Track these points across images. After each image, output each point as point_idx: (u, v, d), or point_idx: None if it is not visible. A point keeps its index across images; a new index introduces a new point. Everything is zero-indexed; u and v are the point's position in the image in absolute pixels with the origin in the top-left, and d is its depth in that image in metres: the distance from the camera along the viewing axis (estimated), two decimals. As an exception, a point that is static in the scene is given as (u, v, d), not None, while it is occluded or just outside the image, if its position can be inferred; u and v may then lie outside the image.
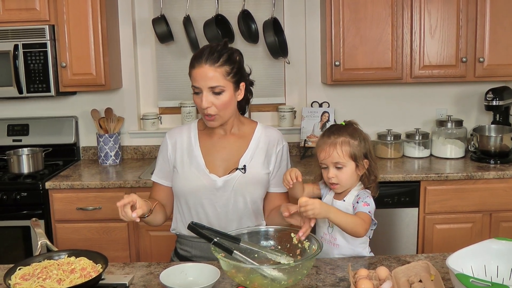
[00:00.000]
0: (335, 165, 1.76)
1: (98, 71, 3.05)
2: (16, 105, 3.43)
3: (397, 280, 1.48)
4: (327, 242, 1.79)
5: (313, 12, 3.36)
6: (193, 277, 1.54)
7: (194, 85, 1.72)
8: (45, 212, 2.84)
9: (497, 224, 2.88)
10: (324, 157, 1.77)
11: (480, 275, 1.38)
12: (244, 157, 1.82)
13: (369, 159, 1.79)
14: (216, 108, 1.72)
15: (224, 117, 1.76)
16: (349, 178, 1.77)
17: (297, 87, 3.49)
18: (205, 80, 1.69)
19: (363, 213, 1.71)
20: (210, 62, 1.69)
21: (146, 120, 3.42)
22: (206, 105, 1.70)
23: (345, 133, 1.77)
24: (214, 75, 1.69)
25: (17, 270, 1.48)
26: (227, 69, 1.71)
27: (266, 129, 1.90)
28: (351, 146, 1.75)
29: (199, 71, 1.70)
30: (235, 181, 1.79)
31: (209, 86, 1.69)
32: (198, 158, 1.81)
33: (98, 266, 1.51)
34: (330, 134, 1.78)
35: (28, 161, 3.02)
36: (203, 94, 1.70)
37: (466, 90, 3.44)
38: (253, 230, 1.66)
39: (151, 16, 3.35)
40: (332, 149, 1.75)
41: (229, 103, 1.74)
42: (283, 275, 1.42)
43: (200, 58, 1.71)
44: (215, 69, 1.69)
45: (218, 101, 1.71)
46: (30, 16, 2.98)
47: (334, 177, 1.76)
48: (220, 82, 1.70)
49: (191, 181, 1.80)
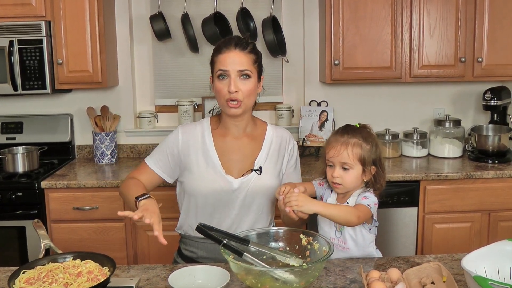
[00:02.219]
0: (342, 165, 1.73)
1: (95, 68, 3.01)
2: (10, 102, 3.37)
3: (409, 281, 1.47)
4: (336, 246, 1.76)
5: (311, 11, 3.35)
6: (202, 279, 1.51)
7: (222, 68, 1.72)
8: (41, 212, 2.79)
9: (496, 223, 2.89)
10: (333, 155, 1.74)
11: (493, 276, 1.37)
12: (259, 158, 1.82)
13: (377, 167, 1.76)
14: (242, 93, 1.72)
15: (247, 106, 1.76)
16: (353, 180, 1.74)
17: (295, 85, 3.47)
18: (235, 64, 1.72)
19: (359, 204, 1.69)
20: (240, 47, 1.74)
21: (143, 118, 3.38)
22: (234, 89, 1.70)
23: (359, 135, 1.74)
24: (243, 59, 1.73)
25: (21, 274, 1.44)
26: (254, 57, 1.76)
27: (276, 129, 1.91)
28: (363, 150, 1.72)
29: (229, 55, 1.73)
30: (250, 182, 1.78)
31: (238, 69, 1.72)
32: (214, 159, 1.79)
33: (105, 269, 1.48)
34: (344, 133, 1.75)
35: (23, 160, 2.96)
36: (231, 78, 1.71)
37: (463, 89, 3.45)
38: (262, 232, 1.64)
39: (148, 13, 3.31)
40: (343, 148, 1.72)
41: (253, 91, 1.76)
42: (295, 278, 1.40)
43: (229, 44, 1.75)
44: (245, 54, 1.74)
45: (244, 86, 1.73)
46: (25, 11, 2.92)
47: (339, 177, 1.73)
48: (249, 67, 1.74)
49: (208, 182, 1.77)
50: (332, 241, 1.76)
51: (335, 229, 1.78)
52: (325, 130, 3.27)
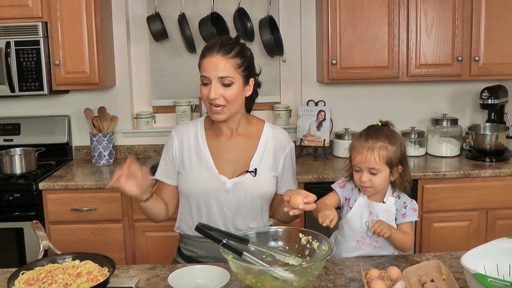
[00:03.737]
0: (370, 170, 1.72)
1: (92, 69, 3.00)
2: (7, 104, 3.36)
3: (408, 279, 1.48)
4: (367, 245, 1.76)
5: (308, 11, 3.35)
6: (202, 279, 1.51)
7: (204, 75, 1.70)
8: (39, 214, 2.78)
9: (494, 221, 2.90)
10: (359, 161, 1.72)
11: (493, 274, 1.38)
12: (254, 159, 1.79)
13: (403, 165, 1.75)
14: (224, 99, 1.69)
15: (231, 111, 1.73)
16: (382, 183, 1.74)
17: (292, 85, 3.47)
18: (215, 70, 1.67)
19: (408, 224, 1.75)
20: (222, 53, 1.68)
21: (140, 119, 3.38)
22: (214, 96, 1.67)
23: (383, 136, 1.72)
24: (225, 65, 1.67)
25: (20, 275, 1.43)
26: (238, 61, 1.70)
27: (274, 130, 1.87)
28: (389, 151, 1.71)
29: (210, 60, 1.68)
30: (245, 183, 1.77)
31: (218, 76, 1.67)
32: (207, 159, 1.78)
33: (104, 270, 1.47)
34: (368, 138, 1.73)
35: (21, 161, 2.95)
36: (211, 84, 1.68)
37: (461, 88, 3.46)
38: (261, 231, 1.63)
39: (145, 14, 3.30)
40: (369, 154, 1.70)
41: (238, 96, 1.71)
42: (294, 277, 1.40)
43: (212, 49, 1.69)
44: (227, 60, 1.68)
45: (226, 93, 1.68)
46: (22, 12, 2.91)
47: (367, 181, 1.73)
48: (230, 73, 1.68)
49: (200, 182, 1.77)
50: (362, 241, 1.77)
51: (367, 228, 1.77)
52: (322, 129, 3.28)
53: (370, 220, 1.76)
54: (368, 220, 1.76)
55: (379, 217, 1.75)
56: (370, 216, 1.76)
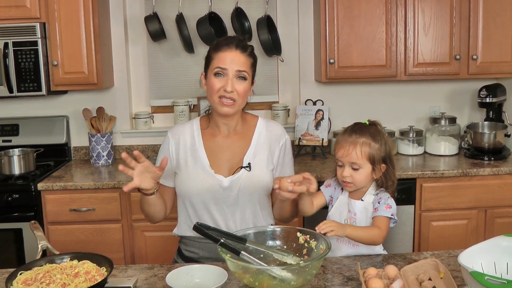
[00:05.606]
0: (351, 165, 1.73)
1: (90, 69, 3.00)
2: (6, 105, 3.36)
3: (406, 278, 1.47)
4: (345, 243, 1.76)
5: (306, 10, 3.35)
6: (200, 278, 1.51)
7: (221, 66, 1.72)
8: (38, 214, 2.78)
9: (492, 220, 2.90)
10: (342, 155, 1.74)
11: (490, 272, 1.38)
12: (247, 155, 1.80)
13: (387, 164, 1.76)
14: (237, 94, 1.72)
15: (239, 106, 1.77)
16: (363, 179, 1.75)
17: (290, 85, 3.47)
18: (235, 63, 1.72)
19: (380, 218, 1.71)
20: (241, 49, 1.74)
21: (139, 119, 3.38)
22: (231, 88, 1.71)
23: (368, 134, 1.74)
24: (244, 60, 1.74)
25: (18, 275, 1.43)
26: (251, 60, 1.78)
27: (268, 124, 1.88)
28: (371, 148, 1.72)
29: (229, 54, 1.73)
30: (241, 180, 1.77)
31: (237, 69, 1.72)
32: (203, 158, 1.79)
33: (102, 270, 1.47)
34: (352, 133, 1.75)
35: (19, 162, 2.96)
36: (229, 77, 1.71)
37: (459, 87, 3.47)
38: (259, 230, 1.63)
39: (143, 14, 3.30)
40: (351, 148, 1.72)
41: (247, 93, 1.77)
42: (292, 276, 1.40)
43: (231, 43, 1.75)
44: (245, 56, 1.75)
45: (240, 87, 1.73)
46: (20, 13, 2.91)
47: (348, 176, 1.74)
48: (247, 69, 1.75)
49: (197, 182, 1.77)
50: (342, 238, 1.76)
51: None
52: (321, 129, 3.28)
53: (348, 218, 1.77)
54: (346, 218, 1.77)
55: (356, 215, 1.76)
56: (349, 214, 1.78)
